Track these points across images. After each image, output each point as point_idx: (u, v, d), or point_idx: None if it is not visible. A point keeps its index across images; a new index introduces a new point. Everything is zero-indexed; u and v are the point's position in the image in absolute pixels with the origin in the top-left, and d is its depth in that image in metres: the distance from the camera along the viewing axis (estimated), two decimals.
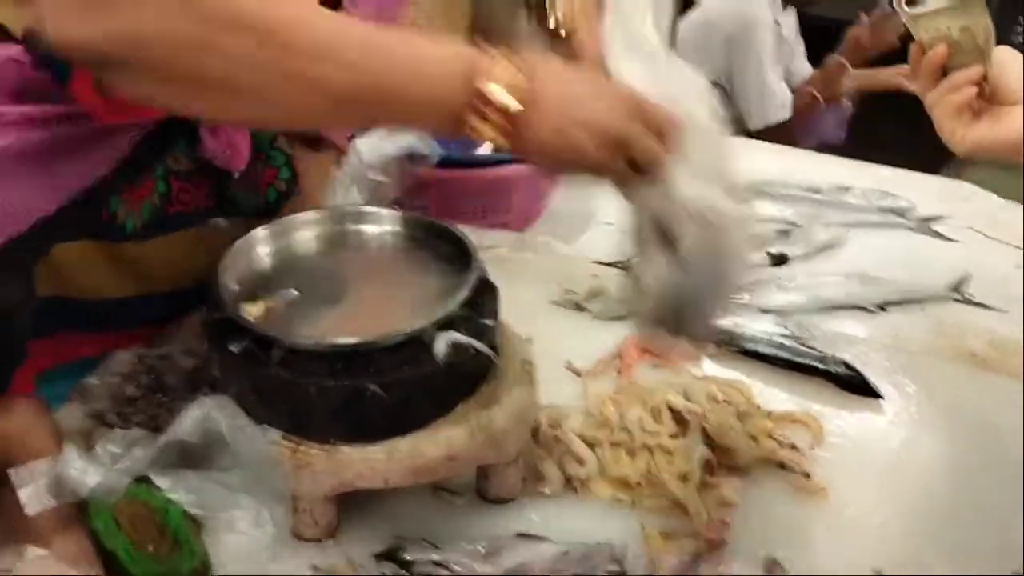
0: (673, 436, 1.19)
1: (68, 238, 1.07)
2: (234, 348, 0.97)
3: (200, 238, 1.20)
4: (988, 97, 0.87)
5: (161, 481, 1.03)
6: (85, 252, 1.12)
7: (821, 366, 1.32)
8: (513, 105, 0.83)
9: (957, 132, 0.88)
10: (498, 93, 0.82)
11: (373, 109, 0.85)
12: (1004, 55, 0.87)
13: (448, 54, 0.84)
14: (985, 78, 0.87)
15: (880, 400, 1.29)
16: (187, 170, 1.16)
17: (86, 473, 1.00)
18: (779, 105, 2.69)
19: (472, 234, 1.25)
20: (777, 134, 2.65)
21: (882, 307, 1.52)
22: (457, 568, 0.98)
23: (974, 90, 0.87)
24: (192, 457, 1.07)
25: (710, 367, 1.34)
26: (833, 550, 1.06)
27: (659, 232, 0.92)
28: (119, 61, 0.76)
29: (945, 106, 0.88)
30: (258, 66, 0.77)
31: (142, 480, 1.04)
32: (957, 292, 1.56)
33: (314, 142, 1.35)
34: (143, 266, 1.16)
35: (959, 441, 1.21)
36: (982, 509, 1.11)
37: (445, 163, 1.55)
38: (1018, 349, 1.42)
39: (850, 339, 1.42)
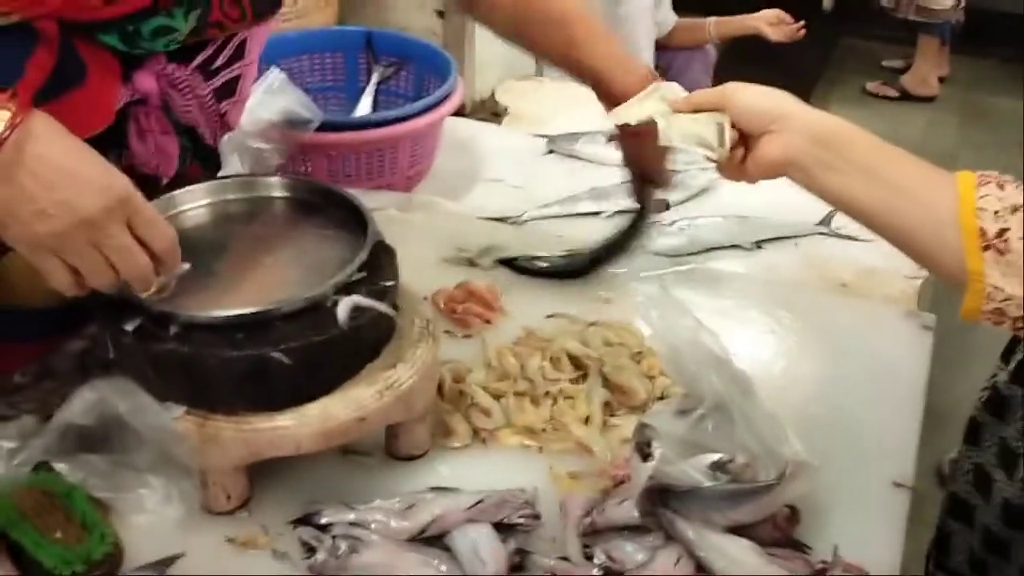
0: (573, 381, 1.23)
1: (6, 247, 1.03)
2: (128, 327, 0.95)
3: None
4: (742, 138, 1.02)
5: (62, 467, 1.01)
6: (25, 261, 1.07)
7: None
8: None
9: (740, 178, 1.05)
10: None
11: None
12: (733, 97, 1.01)
13: None
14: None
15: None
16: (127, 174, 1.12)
17: None
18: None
19: (359, 196, 1.25)
20: None
21: (758, 245, 1.60)
22: (374, 526, 0.99)
23: (741, 152, 1.02)
24: (92, 441, 1.05)
25: (604, 313, 1.39)
26: None
27: None
28: None
29: (725, 168, 1.06)
30: None
31: (42, 467, 1.02)
32: (825, 226, 1.65)
33: None
34: None
35: (832, 364, 1.29)
36: (856, 424, 1.19)
37: (327, 126, 1.54)
38: (883, 276, 1.52)
39: (730, 276, 1.49)
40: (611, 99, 1.20)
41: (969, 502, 1.25)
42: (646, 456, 0.97)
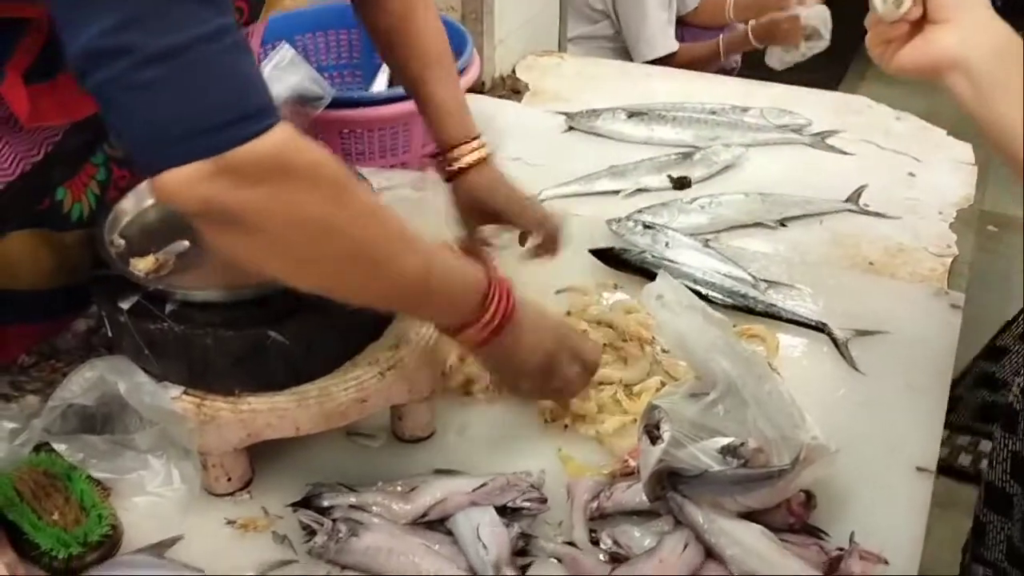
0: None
1: (6, 228, 1.03)
2: (124, 305, 0.93)
3: None
4: (922, 18, 0.88)
5: (62, 447, 1.00)
6: (26, 243, 1.06)
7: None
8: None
9: (885, 55, 0.90)
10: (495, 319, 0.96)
11: (415, 304, 0.94)
12: None
13: (473, 275, 0.95)
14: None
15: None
16: (124, 156, 1.11)
17: None
18: (659, 39, 2.63)
19: (373, 174, 1.23)
20: (683, 60, 2.64)
21: (782, 223, 1.55)
22: (375, 509, 0.97)
23: (906, 26, 0.88)
24: (94, 421, 1.04)
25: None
26: None
27: None
28: (237, 224, 0.77)
29: (877, 34, 0.90)
30: (362, 255, 0.84)
31: (42, 448, 1.01)
32: (853, 203, 1.60)
33: None
34: (84, 255, 1.07)
35: (857, 345, 1.25)
36: (880, 407, 1.15)
37: (339, 103, 1.51)
38: (911, 254, 1.47)
39: (753, 255, 1.44)
40: (439, 140, 1.25)
41: (1006, 492, 1.20)
42: (655, 439, 0.93)
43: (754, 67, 2.81)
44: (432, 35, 1.25)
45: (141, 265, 0.98)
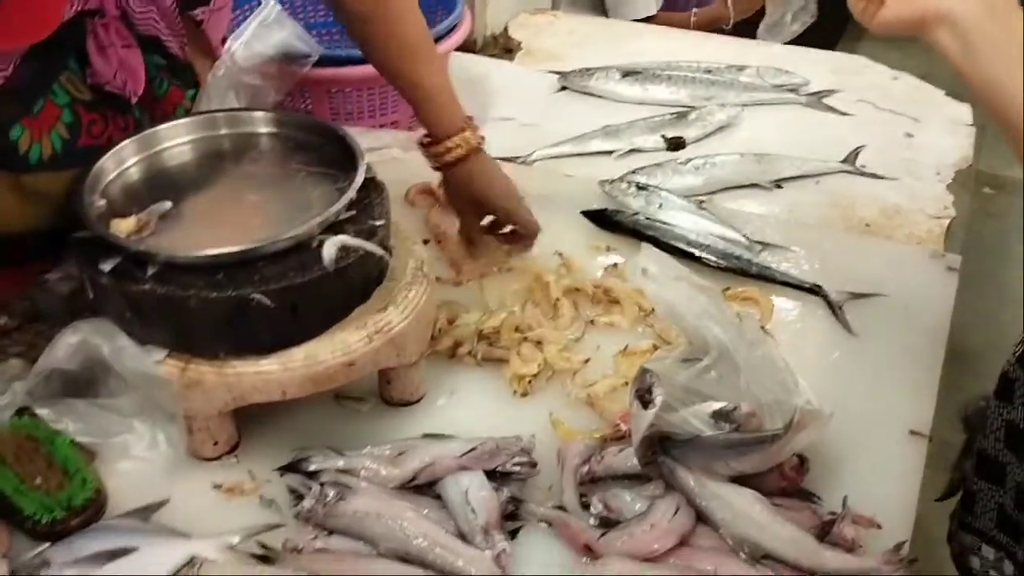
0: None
1: None
2: (105, 267, 0.91)
3: None
4: None
5: (44, 412, 0.98)
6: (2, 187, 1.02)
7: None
8: None
9: (868, 11, 0.87)
10: None
11: None
12: None
13: None
14: None
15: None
16: (92, 100, 1.07)
17: None
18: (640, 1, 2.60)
19: (361, 135, 1.20)
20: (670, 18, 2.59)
21: (777, 184, 1.53)
22: (364, 474, 0.96)
23: None
24: (77, 385, 1.02)
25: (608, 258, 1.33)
26: None
27: None
28: None
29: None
30: None
31: (25, 412, 0.99)
32: (849, 164, 1.57)
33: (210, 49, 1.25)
34: (52, 199, 1.04)
35: (853, 308, 1.23)
36: (874, 370, 1.14)
37: (327, 61, 1.48)
38: (908, 216, 1.45)
39: (747, 216, 1.42)
40: (429, 132, 1.23)
41: (1000, 460, 1.19)
42: (647, 403, 0.92)
43: (752, 24, 2.76)
44: (412, 20, 1.20)
45: (122, 226, 0.95)
